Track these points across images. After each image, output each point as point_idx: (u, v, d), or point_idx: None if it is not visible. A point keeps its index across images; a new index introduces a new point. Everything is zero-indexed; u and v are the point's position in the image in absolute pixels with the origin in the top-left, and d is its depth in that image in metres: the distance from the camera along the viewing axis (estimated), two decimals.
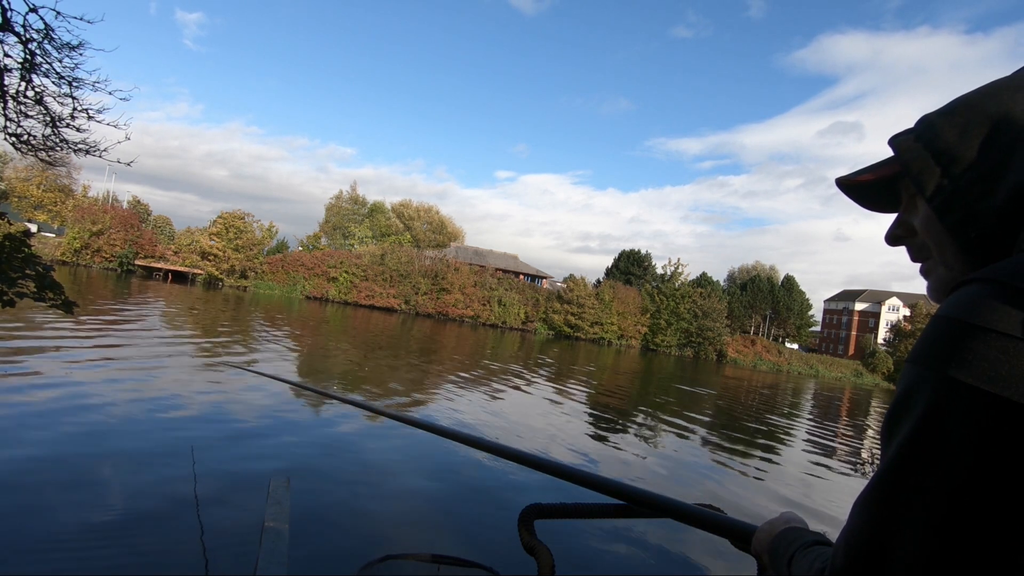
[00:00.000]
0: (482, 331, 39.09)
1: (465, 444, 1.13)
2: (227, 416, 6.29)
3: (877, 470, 0.43)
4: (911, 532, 0.39)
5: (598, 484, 0.93)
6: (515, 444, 7.05)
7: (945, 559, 0.38)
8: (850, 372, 55.20)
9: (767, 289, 70.89)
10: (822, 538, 0.64)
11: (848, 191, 0.64)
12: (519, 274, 58.62)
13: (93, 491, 3.90)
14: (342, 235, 61.12)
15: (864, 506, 0.43)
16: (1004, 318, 0.38)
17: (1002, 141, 0.49)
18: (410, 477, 5.22)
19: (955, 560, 0.37)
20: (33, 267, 3.15)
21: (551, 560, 0.88)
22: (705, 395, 18.76)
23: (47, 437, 4.74)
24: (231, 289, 41.60)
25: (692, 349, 50.98)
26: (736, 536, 0.80)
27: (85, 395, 6.22)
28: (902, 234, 0.60)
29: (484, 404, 9.76)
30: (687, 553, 4.39)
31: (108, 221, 42.21)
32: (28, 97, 3.88)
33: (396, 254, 48.77)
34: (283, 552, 2.76)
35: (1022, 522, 0.36)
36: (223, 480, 4.42)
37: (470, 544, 4.03)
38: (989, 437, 0.37)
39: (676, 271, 54.14)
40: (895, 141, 0.58)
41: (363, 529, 3.96)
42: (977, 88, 0.54)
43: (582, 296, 48.78)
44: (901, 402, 0.43)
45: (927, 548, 0.38)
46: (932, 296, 0.57)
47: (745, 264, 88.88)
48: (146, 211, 60.43)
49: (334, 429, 6.42)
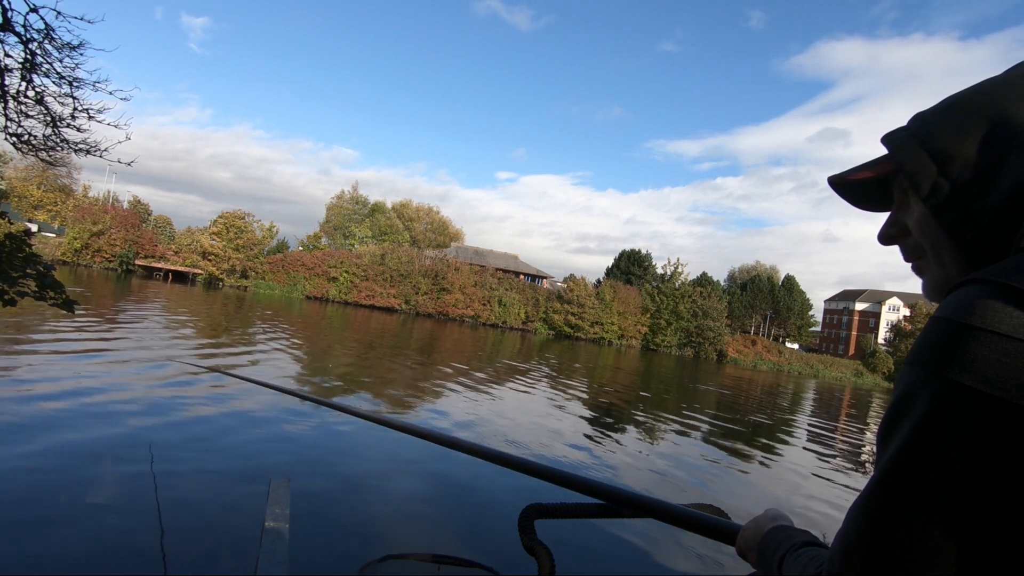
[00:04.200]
0: (482, 331, 39.08)
1: (457, 450, 1.11)
2: (227, 416, 6.29)
3: (874, 474, 0.42)
4: (909, 536, 0.38)
5: (593, 489, 0.93)
6: (515, 444, 7.05)
7: (944, 563, 0.37)
8: (850, 372, 55.17)
9: (767, 289, 70.81)
10: (812, 538, 0.63)
11: (840, 190, 0.63)
12: (519, 274, 58.61)
13: (93, 491, 3.90)
14: (343, 235, 61.13)
15: (861, 510, 0.42)
16: (1004, 319, 0.38)
17: (998, 140, 0.48)
18: (410, 477, 5.22)
19: (955, 564, 0.37)
20: (34, 266, 3.15)
21: (551, 560, 0.88)
22: (705, 393, 18.76)
23: (38, 433, 4.74)
24: (231, 289, 41.60)
25: (692, 349, 50.95)
26: (723, 536, 0.80)
27: (85, 393, 6.23)
28: (895, 233, 0.59)
29: (485, 404, 9.76)
30: (688, 553, 4.39)
31: (108, 221, 42.22)
32: (29, 97, 3.88)
33: (396, 254, 48.77)
34: (283, 552, 2.76)
35: (1022, 526, 0.36)
36: (223, 480, 4.43)
37: (470, 544, 4.03)
38: (989, 440, 0.37)
39: (676, 271, 54.16)
40: (889, 139, 0.57)
41: (363, 529, 3.96)
42: (971, 86, 0.53)
43: (582, 296, 48.76)
44: (899, 405, 0.42)
45: (926, 552, 0.38)
46: (928, 296, 0.57)
47: (745, 264, 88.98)
48: (146, 211, 60.42)
49: (334, 429, 6.42)
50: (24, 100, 3.86)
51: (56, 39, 3.78)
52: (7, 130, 3.90)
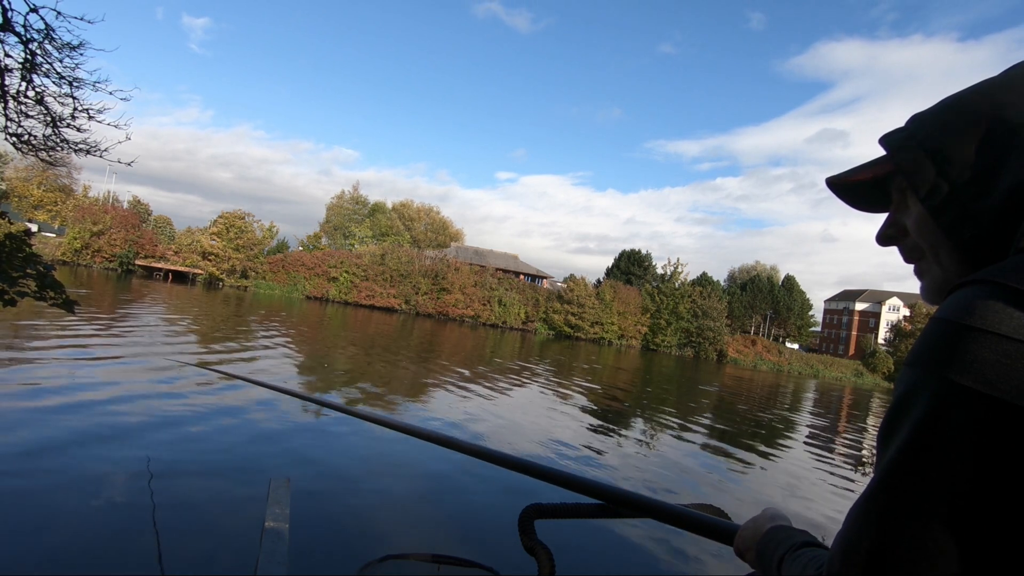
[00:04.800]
0: (482, 331, 39.08)
1: (456, 451, 1.11)
2: (226, 416, 6.29)
3: (875, 475, 0.42)
4: (910, 537, 0.38)
5: (592, 489, 0.93)
6: (516, 444, 7.05)
7: (945, 563, 0.37)
8: (850, 372, 55.16)
9: (767, 289, 70.82)
10: (811, 539, 0.63)
11: (838, 191, 0.63)
12: (519, 274, 58.61)
13: (92, 491, 3.90)
14: (343, 235, 61.12)
15: (862, 510, 0.42)
16: (1004, 320, 0.38)
17: (997, 141, 0.48)
18: (411, 477, 5.22)
19: (955, 564, 0.37)
20: (34, 266, 3.15)
21: (551, 560, 0.88)
22: (705, 393, 18.76)
23: (38, 432, 4.74)
24: (231, 289, 41.60)
25: (692, 349, 50.94)
26: (721, 536, 0.80)
27: (85, 393, 6.23)
28: (894, 234, 0.59)
29: (485, 404, 9.76)
30: (688, 553, 4.39)
31: (108, 221, 42.22)
32: (29, 97, 3.88)
33: (396, 254, 48.77)
34: (283, 552, 2.77)
35: (1022, 526, 0.36)
36: (223, 480, 4.43)
37: (470, 544, 4.03)
38: (989, 441, 0.37)
39: (676, 271, 54.16)
40: (887, 140, 0.57)
41: (363, 529, 3.96)
42: (969, 87, 0.53)
43: (582, 296, 48.76)
44: (899, 406, 0.42)
45: (927, 553, 0.38)
46: (926, 297, 0.56)
47: (745, 264, 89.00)
48: (146, 211, 60.43)
49: (334, 429, 6.42)
50: (24, 100, 3.86)
51: (56, 39, 3.78)
52: (7, 130, 3.90)
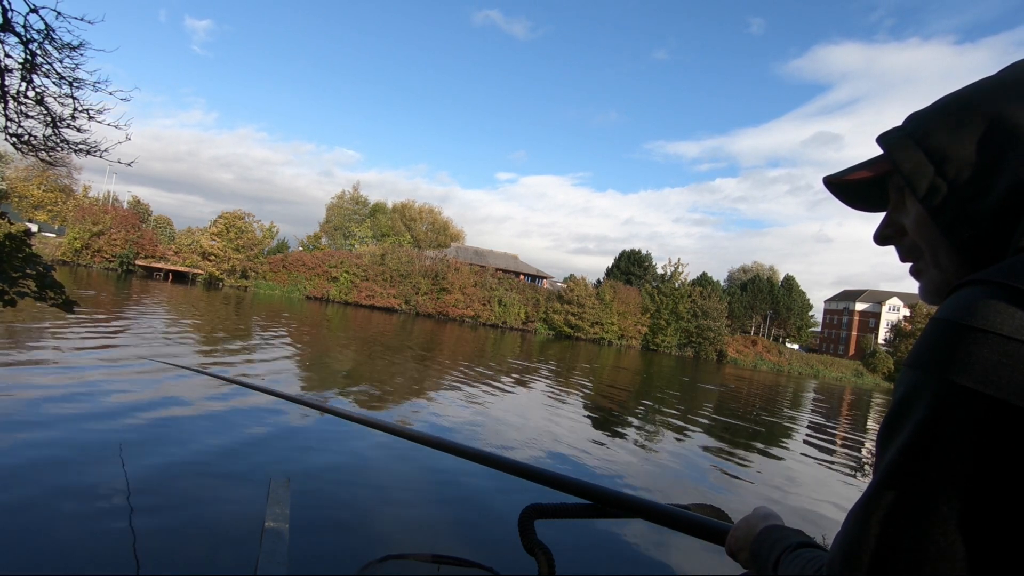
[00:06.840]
0: (482, 331, 39.08)
1: (456, 455, 1.10)
2: (226, 416, 6.29)
3: (875, 476, 0.42)
4: (911, 538, 0.38)
5: (591, 492, 0.93)
6: (516, 444, 7.05)
7: (946, 564, 0.37)
8: (850, 372, 55.16)
9: (767, 289, 70.82)
10: (807, 539, 0.63)
11: (835, 190, 0.62)
12: (519, 274, 58.61)
13: (91, 491, 3.90)
14: (343, 235, 61.12)
15: (862, 511, 0.42)
16: (1005, 321, 0.38)
17: (995, 140, 0.48)
18: (411, 477, 5.22)
19: (957, 565, 0.37)
20: (34, 266, 3.15)
21: (551, 560, 0.88)
22: (705, 392, 18.76)
23: (39, 432, 4.74)
24: (231, 289, 41.59)
25: (692, 349, 50.93)
26: (714, 537, 0.79)
27: (85, 393, 6.23)
28: (891, 234, 0.58)
29: (485, 405, 9.76)
30: (688, 553, 4.38)
31: (108, 221, 42.23)
32: (29, 97, 3.87)
33: (396, 254, 48.77)
34: (283, 552, 2.77)
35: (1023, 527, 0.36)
36: (223, 481, 4.42)
37: (470, 544, 4.03)
38: (991, 442, 0.36)
39: (676, 271, 54.15)
40: (885, 139, 0.56)
41: (363, 529, 3.96)
42: (966, 86, 0.52)
43: (582, 296, 48.76)
44: (900, 407, 0.42)
45: (928, 554, 0.37)
46: (924, 298, 0.56)
47: (745, 264, 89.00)
48: (146, 211, 60.43)
49: (334, 429, 6.41)
50: (24, 100, 3.86)
51: (56, 39, 3.78)
52: (7, 130, 3.90)
